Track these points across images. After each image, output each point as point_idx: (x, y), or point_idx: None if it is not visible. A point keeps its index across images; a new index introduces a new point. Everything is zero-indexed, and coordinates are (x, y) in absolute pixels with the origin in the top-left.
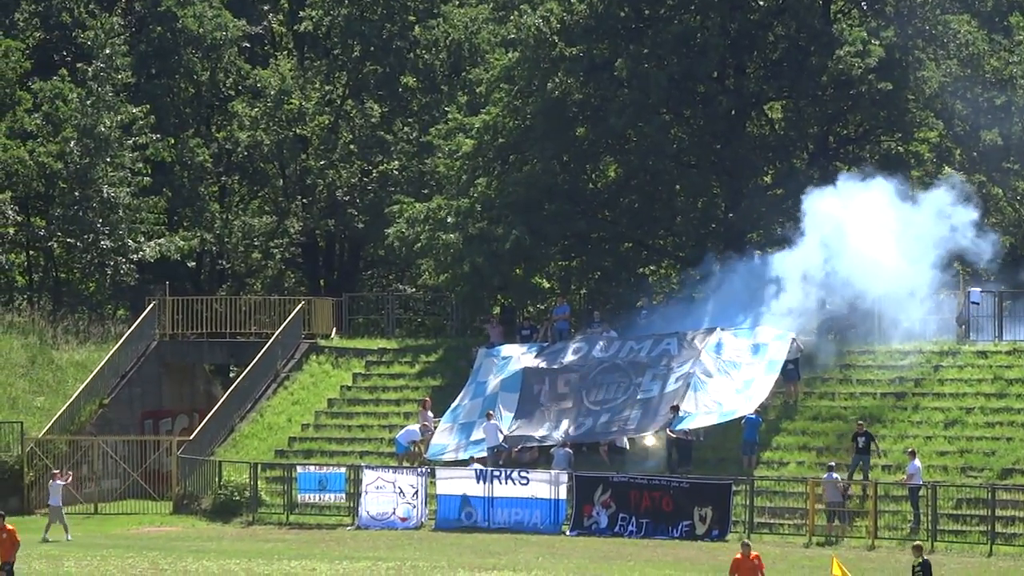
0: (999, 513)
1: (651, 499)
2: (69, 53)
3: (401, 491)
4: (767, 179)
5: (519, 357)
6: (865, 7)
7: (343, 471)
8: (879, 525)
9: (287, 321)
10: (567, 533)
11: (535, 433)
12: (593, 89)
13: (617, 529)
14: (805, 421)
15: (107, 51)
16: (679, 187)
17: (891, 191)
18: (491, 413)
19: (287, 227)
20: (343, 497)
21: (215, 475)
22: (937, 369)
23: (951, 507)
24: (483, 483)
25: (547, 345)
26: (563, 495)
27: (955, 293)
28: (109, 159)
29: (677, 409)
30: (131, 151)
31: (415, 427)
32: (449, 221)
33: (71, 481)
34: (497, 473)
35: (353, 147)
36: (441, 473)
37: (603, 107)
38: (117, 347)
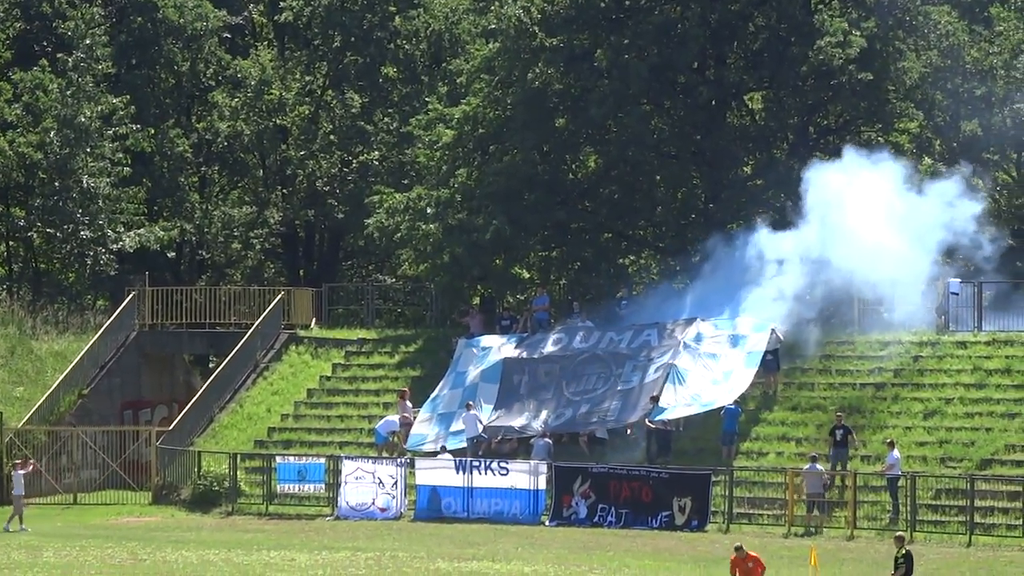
0: (978, 503)
1: (630, 489)
2: (49, 43)
3: (380, 481)
4: (747, 170)
5: (499, 348)
6: None
7: (323, 461)
8: (858, 515)
9: (267, 311)
10: (546, 523)
11: (515, 423)
12: (573, 79)
13: (596, 519)
14: (784, 411)
15: (87, 41)
16: (659, 178)
17: (898, 174)
18: (471, 404)
19: (267, 217)
20: (322, 487)
21: (194, 465)
22: (917, 360)
23: (930, 497)
24: (463, 473)
25: (527, 336)
26: (543, 485)
27: (936, 284)
28: (89, 149)
29: (657, 399)
30: (111, 141)
31: (394, 418)
32: (429, 211)
33: (33, 470)
34: (476, 463)
35: (333, 137)
36: (421, 463)
37: (583, 97)
38: (97, 337)
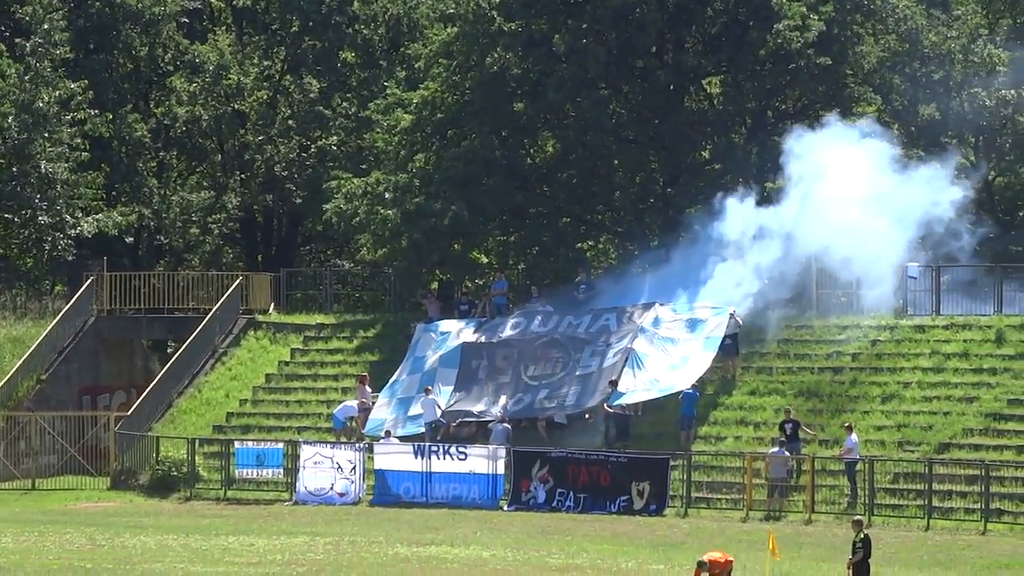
0: (936, 487)
1: (589, 474)
2: (7, 28)
3: (339, 466)
4: (705, 154)
5: (457, 332)
6: None
7: (281, 446)
8: (816, 500)
9: (225, 296)
10: (505, 508)
11: (473, 408)
12: (531, 64)
13: (555, 504)
14: (743, 396)
15: (45, 26)
16: (617, 162)
17: (885, 153)
18: (429, 388)
19: (225, 202)
20: (281, 472)
21: (153, 451)
22: (875, 344)
23: (888, 481)
24: (421, 458)
25: (485, 320)
26: (501, 470)
27: (893, 268)
28: (47, 134)
29: (615, 384)
30: (69, 127)
31: (353, 403)
32: (387, 196)
33: None
34: (435, 448)
35: (291, 122)
36: (379, 448)
37: (541, 82)
38: (55, 323)
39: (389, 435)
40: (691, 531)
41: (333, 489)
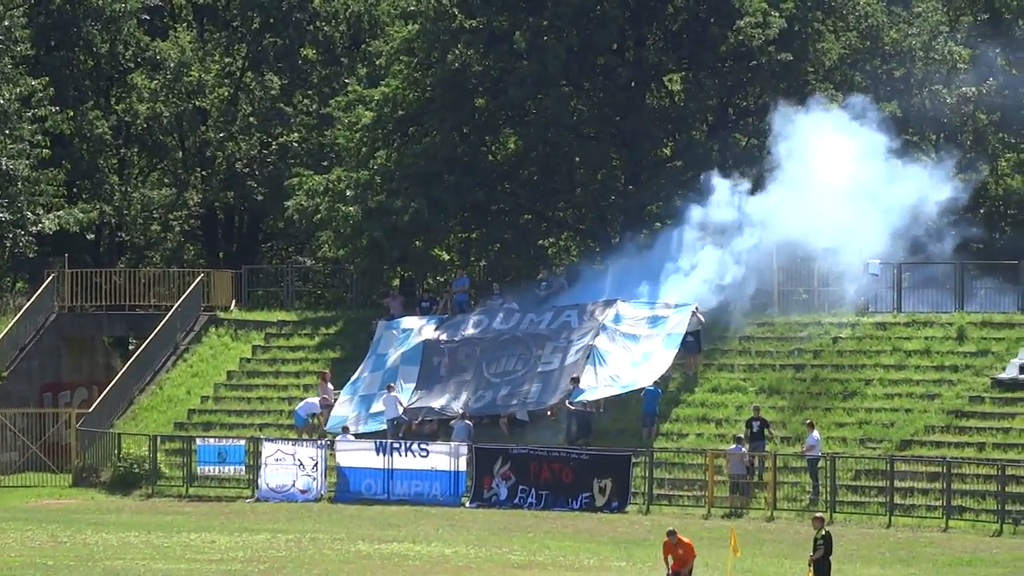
0: (897, 484)
1: (551, 471)
2: None
3: (301, 463)
4: (667, 151)
5: (419, 329)
6: None
7: (243, 443)
8: (778, 497)
9: (186, 293)
10: (467, 505)
11: (435, 405)
12: (492, 61)
13: (517, 501)
14: (704, 393)
15: (6, 23)
16: (578, 159)
17: (880, 145)
18: (391, 385)
19: (186, 199)
20: (243, 469)
21: (114, 448)
22: (836, 341)
23: (850, 478)
24: (383, 455)
25: (447, 317)
26: (463, 467)
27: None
28: (8, 132)
29: (577, 381)
30: (30, 123)
31: (315, 400)
32: (348, 193)
33: None
34: (397, 445)
35: (253, 119)
36: (341, 445)
37: (502, 79)
38: (16, 320)
39: (347, 431)
40: (653, 528)
41: (295, 486)
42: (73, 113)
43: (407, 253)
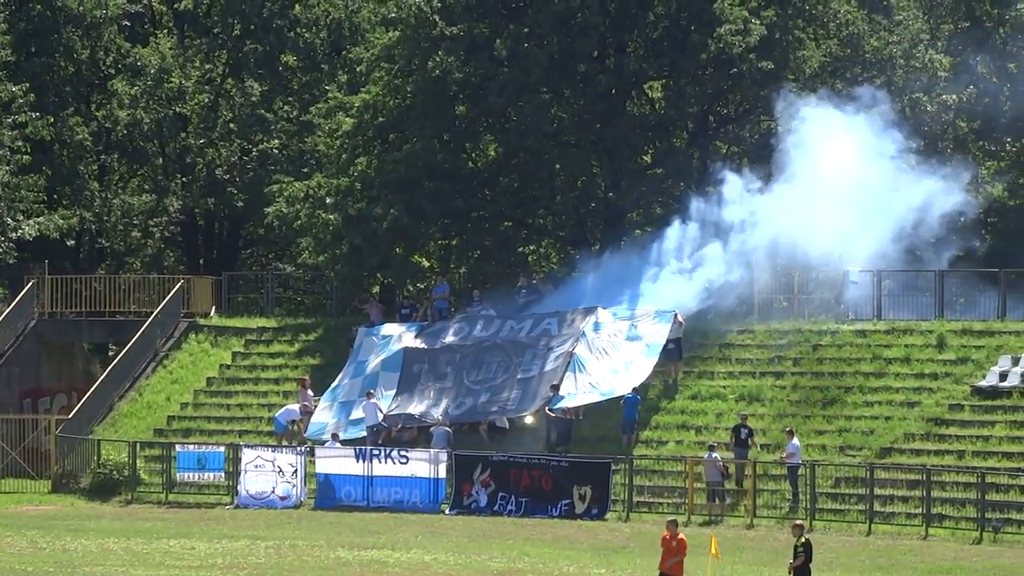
0: (877, 492)
1: (530, 478)
2: None
3: (280, 470)
4: (647, 158)
5: (400, 336)
6: None
7: (222, 450)
8: (758, 504)
9: (166, 300)
10: (446, 512)
11: (415, 412)
12: (473, 68)
13: (496, 508)
14: (684, 400)
15: None
16: (559, 166)
17: (892, 146)
18: (371, 392)
19: (166, 206)
20: (222, 476)
21: (94, 454)
22: (816, 348)
23: (830, 486)
24: (362, 462)
25: (428, 324)
26: (442, 474)
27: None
28: None
29: (557, 388)
30: (10, 129)
31: (294, 406)
32: (328, 200)
33: None
34: (376, 452)
35: (233, 126)
36: (320, 452)
37: (483, 86)
38: None
39: (336, 438)
40: (632, 535)
41: (274, 493)
42: (53, 119)
43: (387, 260)
